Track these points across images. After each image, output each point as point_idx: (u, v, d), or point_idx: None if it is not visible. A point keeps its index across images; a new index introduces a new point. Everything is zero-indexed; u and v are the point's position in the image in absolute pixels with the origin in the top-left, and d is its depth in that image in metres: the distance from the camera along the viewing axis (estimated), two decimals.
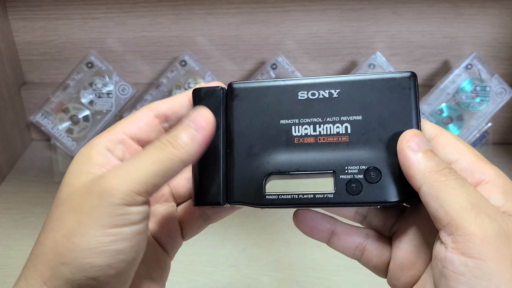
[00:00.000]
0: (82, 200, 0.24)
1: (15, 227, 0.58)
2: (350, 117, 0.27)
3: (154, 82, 0.65)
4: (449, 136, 0.27)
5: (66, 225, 0.23)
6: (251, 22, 0.68)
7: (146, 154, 0.25)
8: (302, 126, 0.28)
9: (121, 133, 0.27)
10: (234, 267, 0.52)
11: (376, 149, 0.27)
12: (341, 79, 0.27)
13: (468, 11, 0.67)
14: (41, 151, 0.74)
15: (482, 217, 0.23)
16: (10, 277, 0.51)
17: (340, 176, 0.27)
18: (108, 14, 0.68)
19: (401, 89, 0.27)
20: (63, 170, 0.67)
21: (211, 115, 0.27)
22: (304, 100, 0.27)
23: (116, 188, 0.23)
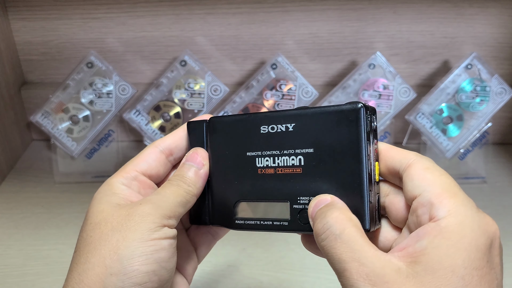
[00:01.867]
0: (124, 221, 0.28)
1: (16, 227, 0.58)
2: (303, 150, 0.29)
3: (154, 82, 0.65)
4: (420, 167, 0.27)
5: (111, 242, 0.27)
6: (251, 22, 0.68)
7: (169, 189, 0.30)
8: (264, 158, 0.30)
9: (133, 171, 0.31)
10: (234, 267, 0.52)
11: (326, 180, 0.28)
12: (296, 113, 0.29)
13: (468, 11, 0.67)
14: (41, 151, 0.74)
15: (458, 196, 0.26)
16: (11, 277, 0.51)
17: (294, 206, 0.30)
18: (108, 14, 0.68)
19: (348, 121, 0.27)
20: (63, 170, 0.67)
21: (205, 153, 0.32)
22: (265, 134, 0.30)
23: (154, 210, 0.28)
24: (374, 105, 0.63)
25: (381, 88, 0.62)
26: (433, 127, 0.63)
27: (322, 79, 0.72)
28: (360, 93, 0.63)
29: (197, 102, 0.64)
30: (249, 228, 0.31)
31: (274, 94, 0.63)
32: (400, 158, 0.28)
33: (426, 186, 0.26)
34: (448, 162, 0.66)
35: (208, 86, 0.63)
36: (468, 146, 0.65)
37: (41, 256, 0.54)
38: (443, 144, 0.64)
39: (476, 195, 0.63)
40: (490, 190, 0.65)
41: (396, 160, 0.28)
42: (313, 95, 0.62)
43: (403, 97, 0.63)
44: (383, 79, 0.62)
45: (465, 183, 0.66)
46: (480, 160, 0.66)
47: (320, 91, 0.64)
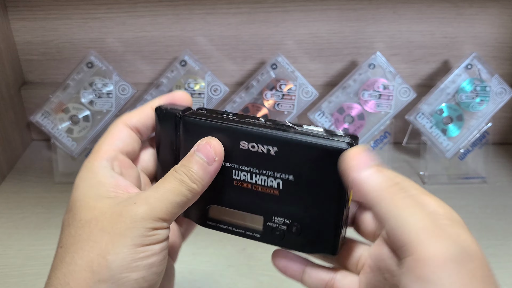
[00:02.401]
0: (114, 222, 0.26)
1: (15, 227, 0.58)
2: (283, 175, 0.28)
3: (154, 82, 0.65)
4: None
5: (99, 245, 0.25)
6: (251, 22, 0.68)
7: (169, 185, 0.28)
8: (241, 172, 0.29)
9: (111, 151, 0.29)
10: (234, 267, 0.52)
11: (302, 209, 0.29)
12: (280, 137, 0.28)
13: (468, 11, 0.67)
14: (41, 151, 0.74)
15: (439, 241, 0.22)
16: (11, 277, 0.51)
17: (267, 222, 0.30)
18: (108, 14, 0.68)
19: (333, 161, 0.27)
20: (63, 170, 0.67)
21: (221, 148, 0.29)
22: (244, 150, 0.29)
23: (147, 214, 0.26)
24: (374, 105, 0.63)
25: (381, 88, 0.62)
26: (433, 127, 0.63)
27: (322, 79, 0.72)
28: (360, 93, 0.63)
29: (197, 102, 0.64)
30: (220, 230, 0.32)
31: (274, 94, 0.63)
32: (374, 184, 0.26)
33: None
34: (448, 162, 0.66)
35: (208, 86, 0.63)
36: (468, 146, 0.65)
37: (40, 256, 0.54)
38: (443, 144, 0.64)
39: (476, 195, 0.63)
40: (490, 190, 0.65)
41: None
42: (313, 95, 0.62)
43: (403, 97, 0.63)
44: (383, 79, 0.62)
45: (465, 183, 0.66)
46: (480, 160, 0.66)
47: (320, 91, 0.64)
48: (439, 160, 0.66)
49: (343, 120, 0.64)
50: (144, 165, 0.33)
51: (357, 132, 0.64)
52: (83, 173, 0.28)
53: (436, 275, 0.21)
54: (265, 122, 0.29)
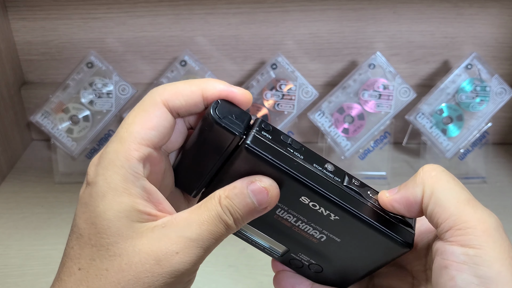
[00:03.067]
0: (151, 273, 0.23)
1: (15, 227, 0.58)
2: (330, 235, 0.27)
3: (154, 82, 0.65)
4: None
5: None
6: (251, 22, 0.68)
7: (205, 225, 0.24)
8: (287, 214, 0.27)
9: (145, 146, 0.24)
10: (234, 267, 0.52)
11: (331, 262, 0.29)
12: (347, 210, 0.25)
13: (468, 11, 0.67)
14: (41, 151, 0.74)
15: (481, 211, 0.23)
16: (11, 277, 0.51)
17: (291, 253, 0.29)
18: (108, 14, 0.68)
19: (387, 250, 0.27)
20: (63, 170, 0.67)
21: (276, 199, 0.25)
22: (302, 203, 0.26)
23: (188, 269, 0.23)
24: (374, 105, 0.63)
25: (381, 88, 0.62)
26: (433, 127, 0.63)
27: (322, 79, 0.72)
28: (360, 93, 0.63)
29: None
30: (239, 237, 0.30)
31: (274, 94, 0.63)
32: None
33: None
34: (448, 162, 0.66)
35: None
36: (468, 146, 0.65)
37: (40, 256, 0.54)
38: (443, 144, 0.64)
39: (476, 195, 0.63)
40: (490, 190, 0.65)
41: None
42: (313, 95, 0.62)
43: (403, 97, 0.63)
44: (383, 79, 0.62)
45: (465, 183, 0.65)
46: (480, 160, 0.66)
47: (320, 91, 0.64)
48: (439, 160, 0.66)
49: (343, 120, 0.64)
50: (170, 146, 0.27)
51: (357, 132, 0.64)
52: (109, 171, 0.24)
53: (480, 240, 0.22)
54: (334, 177, 0.26)
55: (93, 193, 0.24)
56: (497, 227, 0.23)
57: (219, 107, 0.25)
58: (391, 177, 0.66)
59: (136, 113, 0.25)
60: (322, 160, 0.27)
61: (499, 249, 0.22)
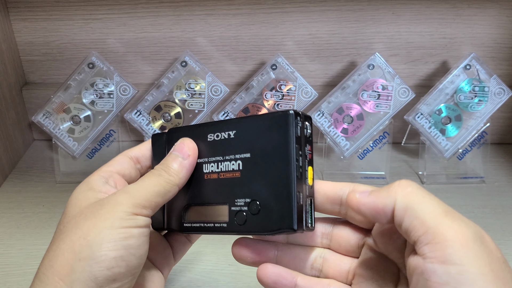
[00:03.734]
0: (96, 210, 0.28)
1: (17, 226, 0.58)
2: (241, 155, 0.31)
3: (155, 83, 0.65)
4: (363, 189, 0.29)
5: (81, 229, 0.27)
6: (251, 23, 0.69)
7: (148, 179, 0.30)
8: (210, 164, 0.32)
9: (108, 171, 0.32)
10: (235, 266, 0.52)
11: (260, 183, 0.30)
12: (236, 120, 0.31)
13: (466, 12, 0.67)
14: (43, 151, 0.74)
15: (459, 223, 0.23)
16: (12, 276, 0.51)
17: (231, 208, 0.31)
18: (109, 15, 0.68)
19: (279, 126, 0.29)
20: (64, 170, 0.67)
21: (193, 144, 0.32)
22: (211, 142, 0.32)
23: (127, 200, 0.28)
24: (373, 105, 0.63)
25: (380, 89, 0.63)
26: (432, 127, 0.64)
27: (321, 79, 0.73)
28: (359, 94, 0.63)
29: (198, 102, 0.64)
30: (195, 231, 0.33)
31: (274, 95, 0.63)
32: (336, 190, 0.30)
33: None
34: (447, 162, 0.66)
35: (208, 87, 0.64)
36: (466, 146, 0.65)
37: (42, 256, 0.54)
38: (441, 144, 0.64)
39: (475, 194, 0.64)
40: (488, 189, 0.65)
41: (333, 193, 0.30)
42: (312, 96, 0.63)
43: (402, 97, 0.63)
44: (382, 79, 0.63)
45: (464, 183, 0.66)
46: (479, 160, 0.66)
47: (319, 91, 0.64)
48: (437, 160, 0.66)
49: (342, 120, 0.64)
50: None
51: (356, 132, 0.64)
52: (79, 186, 0.31)
53: (460, 255, 0.22)
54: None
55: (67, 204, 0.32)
56: (476, 239, 0.23)
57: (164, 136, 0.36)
58: (390, 177, 0.67)
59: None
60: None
61: (480, 263, 0.22)
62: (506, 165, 0.70)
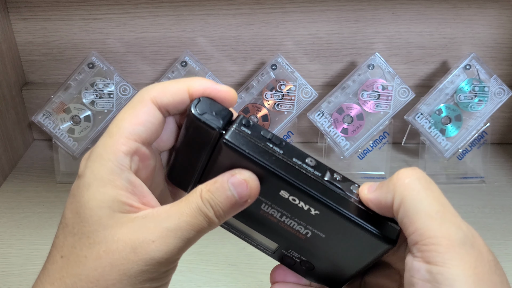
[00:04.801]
0: (127, 261, 0.23)
1: (17, 226, 0.58)
2: (315, 230, 0.27)
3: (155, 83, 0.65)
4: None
5: (106, 283, 0.23)
6: (251, 23, 0.69)
7: (188, 218, 0.24)
8: (272, 209, 0.27)
9: (133, 141, 0.25)
10: (234, 266, 0.52)
11: (322, 258, 0.29)
12: (327, 205, 0.25)
13: (466, 12, 0.67)
14: (43, 151, 0.74)
15: (447, 225, 0.23)
16: (12, 276, 0.51)
17: (282, 250, 0.29)
18: (109, 15, 0.68)
19: (371, 245, 0.26)
20: (65, 170, 0.67)
21: (257, 191, 0.25)
22: (283, 197, 0.26)
23: (165, 259, 0.24)
24: (373, 105, 0.63)
25: (380, 89, 0.63)
26: (432, 127, 0.64)
27: (321, 79, 0.73)
28: (360, 94, 0.63)
29: None
30: (231, 232, 0.31)
31: (274, 95, 0.63)
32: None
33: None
34: (447, 162, 0.66)
35: None
36: (466, 146, 0.65)
37: (42, 256, 0.54)
38: (441, 144, 0.64)
39: (475, 194, 0.64)
40: (488, 189, 0.65)
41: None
42: (312, 96, 0.63)
43: (402, 97, 0.63)
44: (382, 79, 0.63)
45: (464, 183, 0.66)
46: (479, 160, 0.66)
47: (319, 91, 0.64)
48: (437, 160, 0.66)
49: (342, 120, 0.64)
50: (162, 145, 0.28)
51: (356, 132, 0.64)
52: (96, 163, 0.24)
53: (444, 258, 0.22)
54: (314, 172, 0.26)
55: (80, 185, 0.25)
56: (464, 242, 0.22)
57: (200, 104, 0.26)
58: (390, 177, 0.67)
59: (125, 111, 0.26)
60: (303, 154, 0.26)
61: (464, 266, 0.22)
62: (506, 165, 0.70)
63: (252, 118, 0.64)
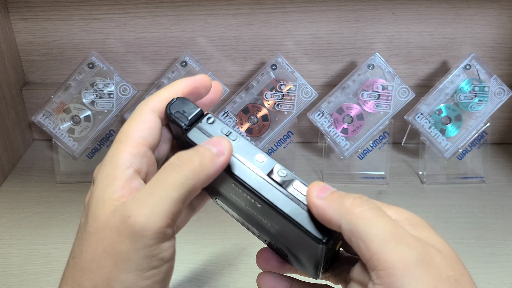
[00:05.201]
0: (115, 243, 0.24)
1: (17, 226, 0.58)
2: (269, 222, 0.28)
3: (155, 83, 0.65)
4: None
5: (104, 270, 0.24)
6: (251, 23, 0.69)
7: (166, 179, 0.24)
8: (236, 197, 0.29)
9: (142, 146, 0.26)
10: (234, 266, 0.52)
11: (285, 247, 0.29)
12: (262, 198, 0.27)
13: (466, 12, 0.67)
14: (43, 151, 0.74)
15: (401, 247, 0.23)
16: (12, 276, 0.51)
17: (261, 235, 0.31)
18: (109, 15, 0.68)
19: (307, 243, 0.26)
20: (64, 170, 0.67)
21: (229, 145, 0.26)
22: (236, 189, 0.28)
23: (147, 228, 0.23)
24: (373, 105, 0.63)
25: (380, 89, 0.63)
26: (432, 127, 0.64)
27: (321, 79, 0.73)
28: (360, 94, 0.63)
29: None
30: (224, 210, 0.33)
31: (274, 95, 0.63)
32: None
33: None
34: (447, 162, 0.66)
35: None
36: (466, 146, 0.65)
37: (42, 256, 0.54)
38: (441, 144, 0.64)
39: (475, 194, 0.64)
40: (488, 189, 0.65)
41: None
42: (312, 96, 0.63)
43: (402, 97, 0.63)
44: (382, 79, 0.63)
45: (464, 183, 0.66)
46: (479, 160, 0.67)
47: (319, 91, 0.64)
48: (437, 160, 0.66)
49: (342, 120, 0.64)
50: (162, 154, 0.30)
51: (356, 132, 0.64)
52: (107, 167, 0.26)
53: (402, 282, 0.22)
54: (259, 168, 0.27)
55: (92, 190, 0.27)
56: (420, 262, 0.22)
57: (174, 104, 0.28)
58: (390, 177, 0.67)
59: (130, 121, 0.28)
60: (254, 151, 0.28)
61: (422, 286, 0.22)
62: (506, 165, 0.70)
63: (252, 118, 0.64)
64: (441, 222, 0.58)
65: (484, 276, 0.50)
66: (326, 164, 0.68)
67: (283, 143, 0.66)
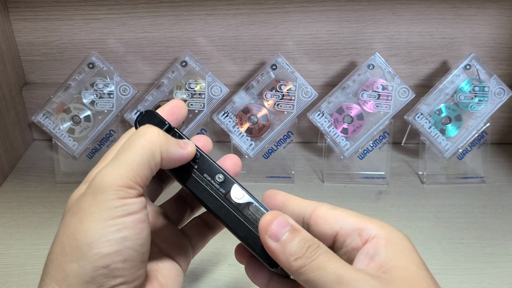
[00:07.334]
0: (79, 204, 0.25)
1: (17, 226, 0.58)
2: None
3: (155, 83, 0.65)
4: (325, 208, 0.28)
5: (69, 227, 0.25)
6: (251, 23, 0.69)
7: (131, 144, 0.26)
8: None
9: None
10: (235, 266, 0.52)
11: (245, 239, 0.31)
12: (221, 219, 0.30)
13: (466, 12, 0.67)
14: (43, 151, 0.74)
15: (358, 283, 0.23)
16: (12, 276, 0.51)
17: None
18: (109, 15, 0.68)
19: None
20: (65, 170, 0.67)
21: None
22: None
23: (108, 186, 0.25)
24: (373, 105, 0.63)
25: (380, 89, 0.63)
26: (432, 127, 0.64)
27: (321, 79, 0.73)
28: (359, 94, 0.63)
29: (198, 102, 0.64)
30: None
31: (274, 95, 0.63)
32: (301, 208, 0.29)
33: (342, 219, 0.27)
34: (447, 162, 0.66)
35: (208, 87, 0.64)
36: (466, 146, 0.65)
37: (42, 256, 0.54)
38: (441, 144, 0.64)
39: (475, 194, 0.64)
40: (488, 189, 0.65)
41: (298, 210, 0.29)
42: (312, 96, 0.63)
43: (402, 97, 0.63)
44: (382, 79, 0.63)
45: (464, 183, 0.66)
46: (479, 160, 0.67)
47: (319, 91, 0.64)
48: (437, 160, 0.66)
49: (342, 120, 0.64)
50: None
51: (356, 132, 0.64)
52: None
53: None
54: (219, 189, 0.29)
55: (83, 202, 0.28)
56: None
57: (143, 116, 0.30)
58: (390, 177, 0.67)
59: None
60: (216, 170, 0.30)
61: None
62: (506, 165, 0.70)
63: (252, 118, 0.64)
64: (441, 222, 0.58)
65: (484, 276, 0.50)
66: (326, 164, 0.68)
67: (283, 143, 0.66)
